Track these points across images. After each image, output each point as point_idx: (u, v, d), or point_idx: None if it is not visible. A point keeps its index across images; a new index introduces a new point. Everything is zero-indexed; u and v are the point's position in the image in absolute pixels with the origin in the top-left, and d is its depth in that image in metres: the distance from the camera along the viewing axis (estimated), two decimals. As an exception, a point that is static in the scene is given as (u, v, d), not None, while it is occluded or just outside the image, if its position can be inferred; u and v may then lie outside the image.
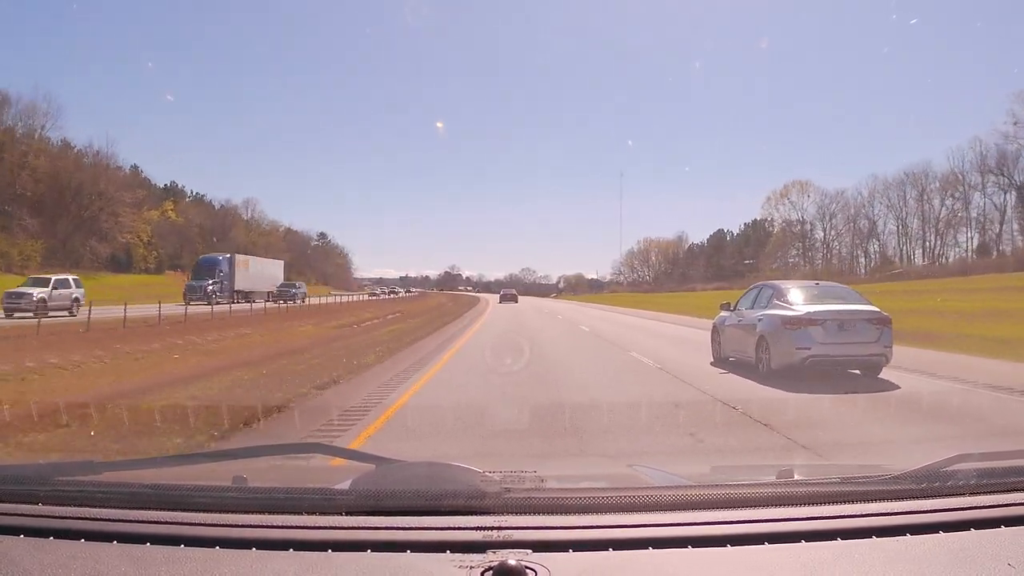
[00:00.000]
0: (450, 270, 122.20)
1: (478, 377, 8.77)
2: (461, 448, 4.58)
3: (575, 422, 5.53)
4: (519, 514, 1.16)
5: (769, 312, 8.88)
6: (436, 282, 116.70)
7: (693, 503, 1.20)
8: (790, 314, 8.52)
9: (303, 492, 1.28)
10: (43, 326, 15.27)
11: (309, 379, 7.99)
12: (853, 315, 8.41)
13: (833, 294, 9.38)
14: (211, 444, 4.63)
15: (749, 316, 9.54)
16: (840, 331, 8.21)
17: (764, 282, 10.92)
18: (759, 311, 9.24)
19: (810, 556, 1.07)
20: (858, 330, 8.26)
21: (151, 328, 17.31)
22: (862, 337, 8.25)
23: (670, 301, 44.30)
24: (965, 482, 1.25)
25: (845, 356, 8.29)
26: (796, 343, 8.21)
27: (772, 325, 8.60)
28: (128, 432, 4.85)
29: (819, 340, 8.16)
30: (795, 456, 4.40)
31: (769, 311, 8.91)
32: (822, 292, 9.36)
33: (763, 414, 5.85)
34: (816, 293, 9.24)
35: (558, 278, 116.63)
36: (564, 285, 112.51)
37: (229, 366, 9.32)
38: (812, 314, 8.35)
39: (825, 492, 1.23)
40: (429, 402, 6.82)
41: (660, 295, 66.48)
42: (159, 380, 7.84)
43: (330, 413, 6.02)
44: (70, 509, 1.20)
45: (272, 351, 11.77)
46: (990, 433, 5.39)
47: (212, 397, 6.49)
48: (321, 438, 4.85)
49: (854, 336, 8.24)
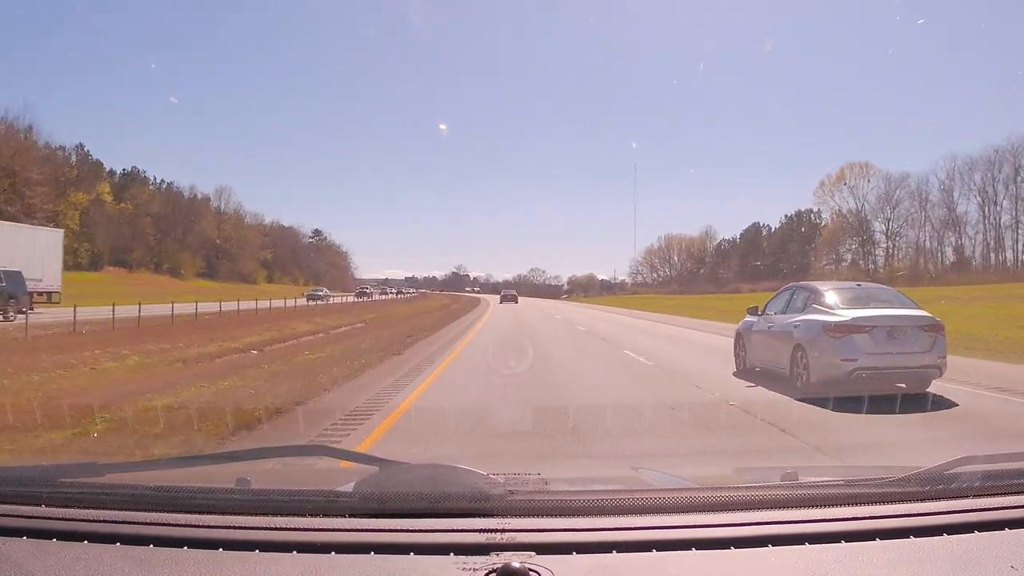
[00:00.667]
0: (457, 271, 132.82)
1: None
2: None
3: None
4: (523, 516, 1.33)
5: (807, 317, 8.89)
6: (443, 283, 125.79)
7: (697, 505, 1.37)
8: (833, 319, 8.47)
9: (307, 494, 1.45)
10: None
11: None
12: (904, 321, 8.43)
13: (877, 296, 9.46)
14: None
15: (782, 322, 9.59)
16: (889, 339, 8.22)
17: (798, 283, 10.97)
18: (794, 316, 9.31)
19: (814, 558, 1.23)
20: (909, 338, 8.26)
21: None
22: (914, 346, 8.24)
23: (713, 305, 40.95)
24: (969, 484, 1.42)
25: (896, 368, 8.21)
26: (841, 353, 8.18)
27: (811, 332, 8.62)
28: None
29: (867, 350, 8.13)
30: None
31: (807, 316, 8.94)
32: (865, 294, 9.45)
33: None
34: (859, 295, 9.32)
35: (567, 279, 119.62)
36: (571, 287, 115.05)
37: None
38: (859, 319, 8.33)
39: (829, 494, 1.41)
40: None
41: (692, 297, 64.79)
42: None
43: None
44: (73, 511, 1.37)
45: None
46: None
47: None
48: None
49: (905, 345, 8.22)
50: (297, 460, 2.00)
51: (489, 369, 11.44)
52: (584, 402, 8.06)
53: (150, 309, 24.38)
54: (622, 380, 10.65)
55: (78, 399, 7.32)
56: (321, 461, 1.96)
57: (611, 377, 11.08)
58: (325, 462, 1.94)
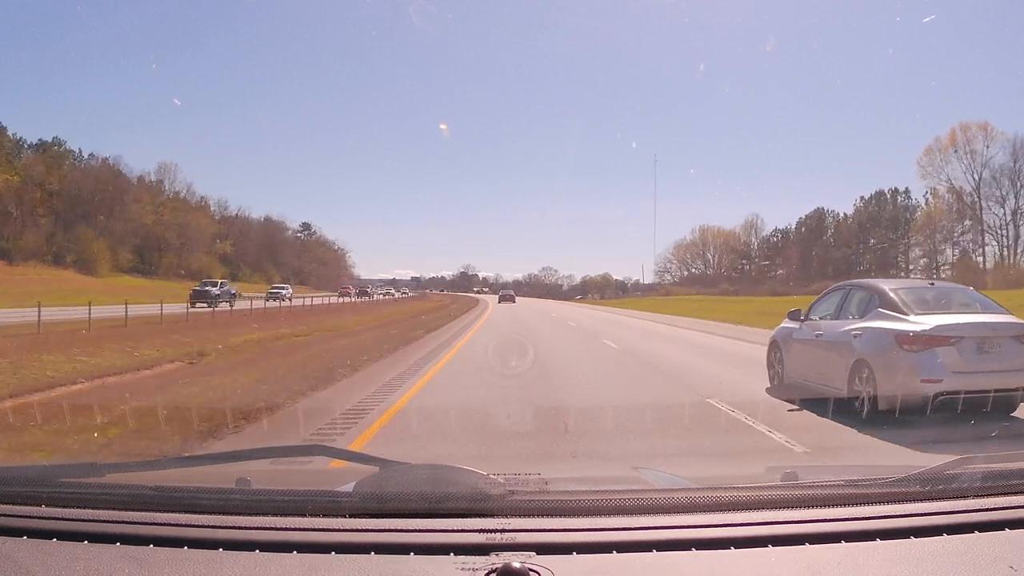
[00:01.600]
0: (465, 270, 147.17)
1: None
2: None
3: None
4: (523, 516, 1.61)
5: (873, 324, 8.64)
6: (450, 283, 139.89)
7: (697, 505, 1.66)
8: (910, 328, 8.14)
9: (307, 494, 1.74)
10: None
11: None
12: (998, 330, 8.16)
13: (955, 298, 9.26)
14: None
15: (834, 329, 9.37)
16: (980, 353, 7.96)
17: (852, 281, 10.81)
18: (852, 322, 9.07)
19: (814, 559, 1.51)
20: (1004, 351, 7.98)
21: None
22: (1010, 362, 7.92)
23: (774, 309, 38.38)
24: (970, 484, 1.71)
25: (989, 389, 7.69)
26: (921, 371, 7.83)
27: (879, 344, 8.35)
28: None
29: (953, 367, 7.80)
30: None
31: (872, 323, 8.69)
32: (941, 296, 9.26)
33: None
34: (934, 297, 9.11)
35: (580, 279, 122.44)
36: (584, 287, 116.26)
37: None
38: (943, 328, 8.01)
39: (829, 495, 1.70)
40: None
41: (738, 299, 59.56)
42: None
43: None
44: (73, 511, 1.66)
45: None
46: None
47: None
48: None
49: (999, 360, 7.93)
50: (297, 460, 2.31)
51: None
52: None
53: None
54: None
55: None
56: (320, 461, 2.26)
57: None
58: (324, 462, 2.24)
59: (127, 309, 27.99)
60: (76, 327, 23.64)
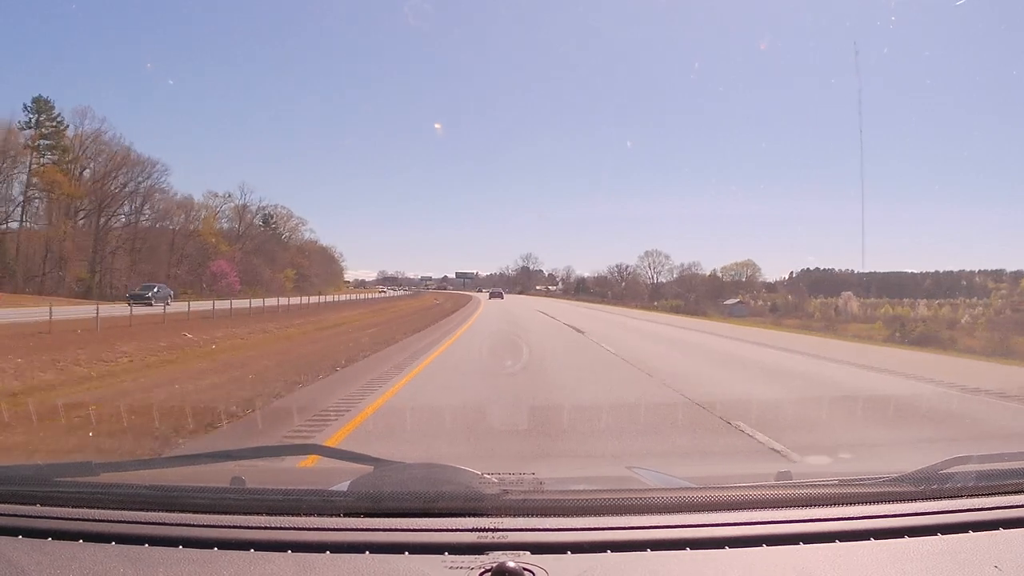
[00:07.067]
0: (461, 271, 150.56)
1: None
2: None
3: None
4: (517, 516, 1.62)
5: None
6: (452, 282, 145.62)
7: (691, 505, 1.66)
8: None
9: (301, 493, 1.74)
10: None
11: None
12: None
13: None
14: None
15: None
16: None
17: None
18: None
19: (808, 558, 1.52)
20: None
21: None
22: None
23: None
24: (964, 484, 1.71)
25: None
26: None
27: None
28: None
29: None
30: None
31: None
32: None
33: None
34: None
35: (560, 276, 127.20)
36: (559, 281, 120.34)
37: None
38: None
39: (823, 494, 1.70)
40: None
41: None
42: None
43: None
44: (69, 510, 1.66)
45: None
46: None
47: None
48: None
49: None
50: (292, 459, 2.29)
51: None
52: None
53: None
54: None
55: None
56: (315, 460, 2.25)
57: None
58: (319, 461, 2.23)
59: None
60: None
